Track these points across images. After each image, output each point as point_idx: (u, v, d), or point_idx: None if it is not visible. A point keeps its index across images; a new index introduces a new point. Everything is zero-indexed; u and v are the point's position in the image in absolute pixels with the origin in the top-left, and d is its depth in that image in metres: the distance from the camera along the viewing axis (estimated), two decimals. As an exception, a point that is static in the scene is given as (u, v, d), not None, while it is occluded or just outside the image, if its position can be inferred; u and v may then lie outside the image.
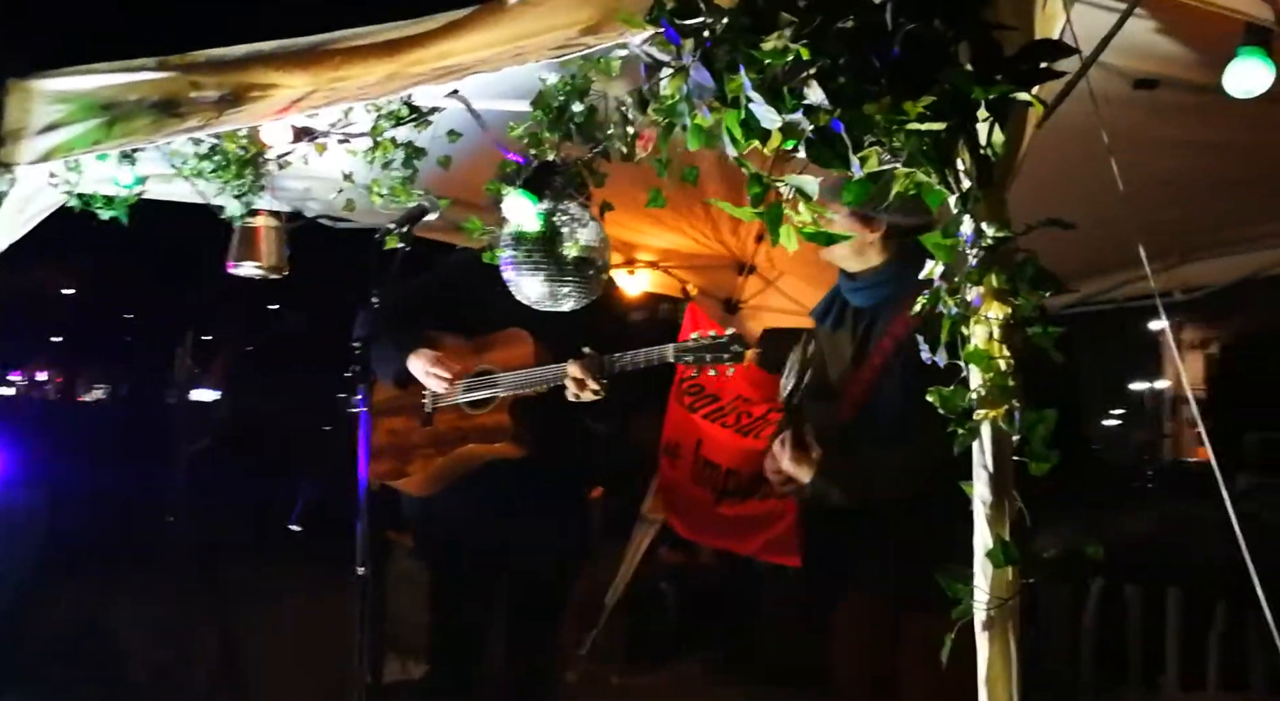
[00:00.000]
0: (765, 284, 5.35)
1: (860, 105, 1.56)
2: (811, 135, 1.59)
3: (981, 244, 1.55)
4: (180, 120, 3.11)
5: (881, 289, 2.93)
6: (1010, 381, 1.55)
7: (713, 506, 5.20)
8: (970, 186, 1.57)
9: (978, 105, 1.53)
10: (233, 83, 3.01)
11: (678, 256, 5.18)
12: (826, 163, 1.60)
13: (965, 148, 1.58)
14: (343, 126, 2.97)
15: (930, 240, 1.63)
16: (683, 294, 5.24)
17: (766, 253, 5.10)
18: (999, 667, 1.58)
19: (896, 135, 1.58)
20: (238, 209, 3.27)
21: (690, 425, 5.17)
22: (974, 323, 1.58)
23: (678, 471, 5.28)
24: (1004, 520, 1.59)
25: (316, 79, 2.88)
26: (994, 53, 1.53)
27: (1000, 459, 1.59)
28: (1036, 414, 1.54)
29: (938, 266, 1.62)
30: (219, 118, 3.04)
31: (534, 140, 2.43)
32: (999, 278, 1.55)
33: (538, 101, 2.42)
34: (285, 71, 2.94)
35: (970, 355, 1.58)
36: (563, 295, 2.54)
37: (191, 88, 3.09)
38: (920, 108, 1.54)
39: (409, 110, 2.84)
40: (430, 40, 2.68)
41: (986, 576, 1.59)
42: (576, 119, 2.37)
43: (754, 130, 1.76)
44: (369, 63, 2.80)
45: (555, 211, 2.49)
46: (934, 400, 1.64)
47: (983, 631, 1.61)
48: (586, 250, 2.52)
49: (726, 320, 5.38)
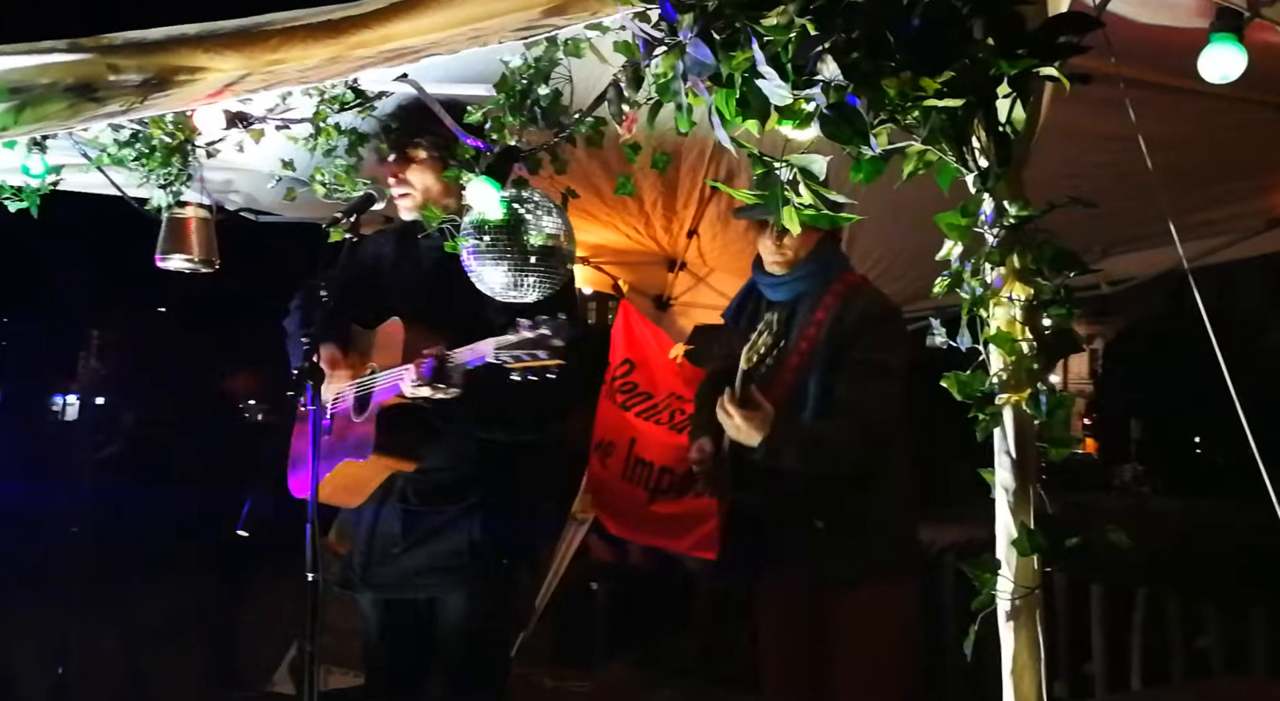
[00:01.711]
0: (696, 280, 5.31)
1: (876, 81, 1.50)
2: (827, 111, 1.52)
3: (1003, 223, 1.51)
4: (98, 104, 2.91)
5: (800, 284, 2.96)
6: (1034, 364, 1.51)
7: (646, 505, 5.12)
8: (990, 165, 1.52)
9: (998, 81, 1.48)
10: (156, 65, 2.83)
11: (609, 252, 5.10)
12: (845, 140, 1.54)
13: (981, 125, 1.54)
14: (281, 112, 2.81)
15: (946, 220, 1.58)
16: (615, 290, 5.16)
17: (698, 249, 5.05)
18: (1025, 658, 1.54)
19: (911, 112, 1.53)
20: (164, 199, 3.08)
21: (623, 423, 5.09)
22: (994, 305, 1.54)
23: (609, 470, 5.20)
24: (1028, 507, 1.54)
25: (250, 61, 2.72)
26: (1017, 26, 1.48)
27: (1023, 444, 1.55)
28: (1058, 397, 1.50)
29: (955, 247, 1.57)
30: (142, 102, 2.85)
31: (496, 125, 2.32)
32: (1022, 258, 1.51)
33: (501, 84, 2.32)
34: (215, 53, 2.77)
35: (994, 337, 1.53)
36: (527, 285, 2.43)
37: (110, 71, 2.89)
38: (938, 84, 1.49)
39: (354, 95, 2.69)
40: (376, 21, 2.55)
41: (1010, 565, 1.55)
42: (542, 102, 2.27)
43: (752, 109, 1.69)
44: (309, 44, 2.65)
45: (518, 199, 2.39)
46: (950, 385, 1.59)
47: (1007, 622, 1.57)
48: (551, 238, 2.43)
49: (658, 317, 5.32)
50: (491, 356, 2.48)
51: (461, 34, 2.41)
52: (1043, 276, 1.51)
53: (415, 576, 2.90)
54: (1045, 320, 1.53)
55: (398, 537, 2.89)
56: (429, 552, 2.88)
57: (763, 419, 2.61)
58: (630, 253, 5.09)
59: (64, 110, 2.92)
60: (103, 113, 2.90)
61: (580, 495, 5.46)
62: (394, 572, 2.91)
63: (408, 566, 2.89)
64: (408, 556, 2.89)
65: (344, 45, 2.59)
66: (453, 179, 2.42)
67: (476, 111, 2.43)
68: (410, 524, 2.88)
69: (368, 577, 2.95)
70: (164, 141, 2.92)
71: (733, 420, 2.64)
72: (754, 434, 2.62)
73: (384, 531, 2.92)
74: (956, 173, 1.57)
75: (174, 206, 3.11)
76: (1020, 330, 1.52)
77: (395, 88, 2.70)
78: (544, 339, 2.41)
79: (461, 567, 2.85)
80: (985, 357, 1.58)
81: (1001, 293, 1.53)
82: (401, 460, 2.79)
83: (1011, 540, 1.55)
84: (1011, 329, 1.53)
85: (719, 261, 5.10)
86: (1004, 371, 1.54)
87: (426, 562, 2.88)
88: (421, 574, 2.89)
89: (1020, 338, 1.52)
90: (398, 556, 2.90)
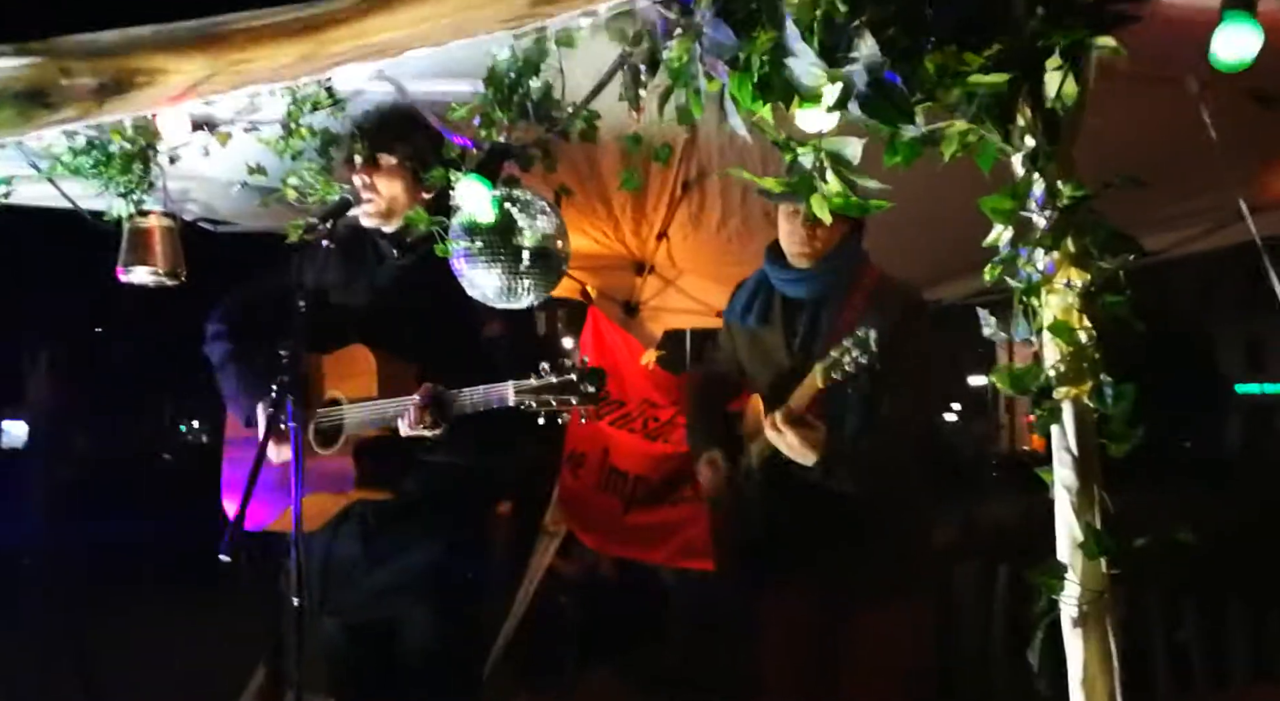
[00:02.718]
0: (665, 284, 5.20)
1: (916, 57, 1.41)
2: (866, 90, 1.43)
3: (1056, 205, 1.42)
4: (51, 111, 2.75)
5: (824, 279, 2.84)
6: (1095, 355, 1.42)
7: (621, 515, 5.03)
8: (1038, 143, 1.43)
9: (1048, 53, 1.40)
10: (112, 69, 2.69)
11: (577, 257, 4.94)
12: (887, 119, 1.45)
13: (1026, 103, 1.45)
14: (249, 114, 2.67)
15: (991, 204, 1.49)
16: (583, 296, 5.04)
17: (667, 252, 4.95)
18: (1096, 667, 1.45)
19: (952, 90, 1.44)
20: (124, 209, 2.91)
21: (596, 433, 4.98)
22: (1046, 292, 1.45)
23: (581, 481, 5.08)
24: (1093, 507, 1.46)
25: (215, 62, 2.59)
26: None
27: (1084, 440, 1.46)
28: (1121, 389, 1.42)
29: (1005, 232, 1.49)
30: (100, 108, 2.70)
31: (486, 121, 2.20)
32: (1077, 241, 1.42)
33: (489, 79, 2.20)
34: (176, 55, 2.63)
35: (1053, 327, 1.44)
36: (522, 289, 2.31)
37: (62, 75, 2.74)
38: (982, 59, 1.41)
39: (328, 94, 2.56)
40: (352, 17, 2.43)
41: (1076, 570, 1.46)
42: (534, 96, 2.15)
43: (774, 91, 1.59)
44: (280, 42, 2.52)
45: (510, 198, 2.27)
46: (1000, 381, 1.50)
47: (1074, 628, 1.48)
48: (545, 239, 2.31)
49: (626, 323, 5.21)
50: (512, 400, 2.37)
51: (446, 27, 2.30)
52: (1098, 261, 1.42)
53: (378, 597, 2.76)
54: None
55: (359, 559, 2.75)
56: (391, 571, 2.75)
57: (818, 438, 2.53)
58: (598, 257, 4.98)
59: (14, 117, 2.75)
60: (56, 119, 2.75)
61: (551, 508, 5.33)
62: (354, 596, 2.77)
63: (369, 588, 2.76)
64: (369, 578, 2.75)
65: (318, 42, 2.47)
66: (438, 180, 2.30)
67: (461, 108, 2.32)
68: (371, 544, 2.74)
69: (327, 603, 2.80)
70: (123, 148, 2.76)
71: (784, 438, 2.55)
72: (808, 453, 2.54)
73: (341, 554, 2.77)
74: (999, 154, 1.48)
75: (135, 216, 2.95)
76: (1078, 319, 1.44)
77: (372, 87, 2.57)
78: (571, 384, 2.33)
79: (426, 585, 2.73)
80: (1039, 349, 1.49)
81: (1055, 279, 1.44)
82: (380, 491, 2.66)
83: (1077, 543, 1.46)
84: (1068, 317, 1.44)
85: (689, 264, 5.01)
86: (1061, 363, 1.45)
87: (389, 582, 2.75)
88: (384, 594, 2.76)
89: (1079, 327, 1.43)
90: (359, 578, 2.76)
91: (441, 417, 2.48)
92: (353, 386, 2.67)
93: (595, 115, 2.23)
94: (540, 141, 2.25)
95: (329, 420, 2.69)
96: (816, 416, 2.60)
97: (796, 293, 2.91)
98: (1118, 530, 1.44)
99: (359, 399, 2.64)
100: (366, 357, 2.66)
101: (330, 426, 2.69)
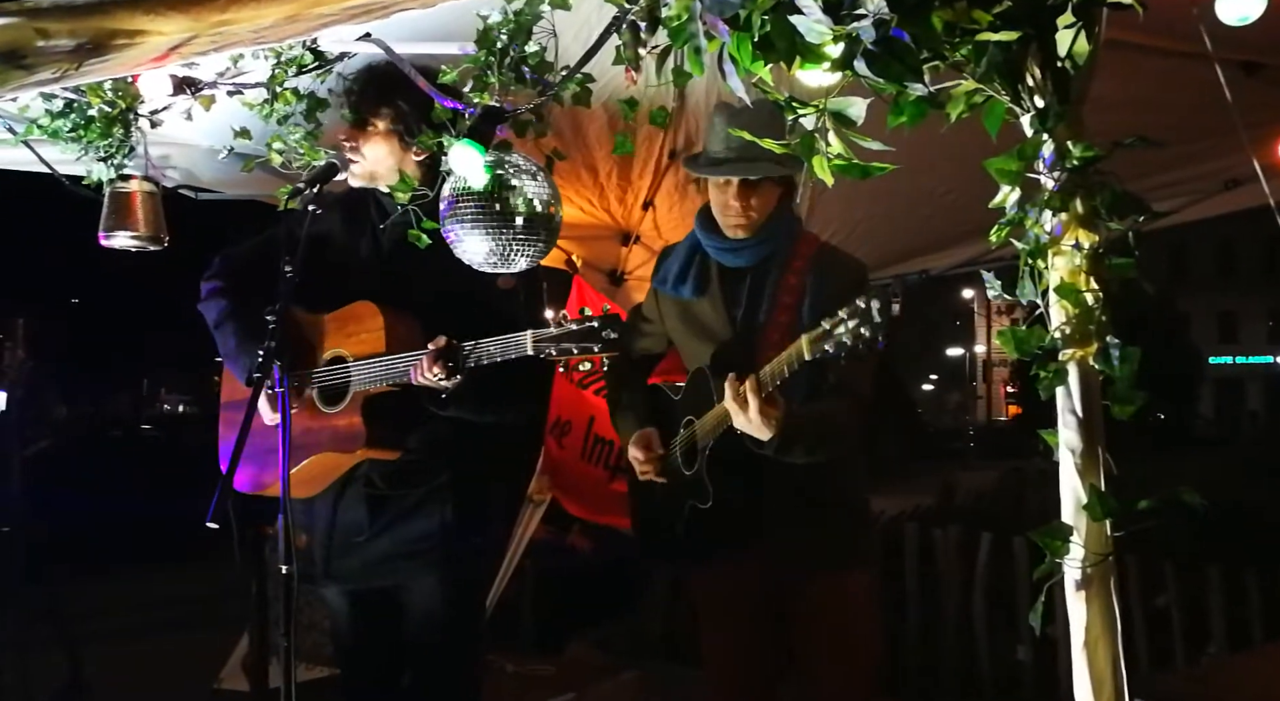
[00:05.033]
0: (650, 254, 5.17)
1: (925, 13, 1.39)
2: (873, 47, 1.41)
3: (1065, 165, 1.41)
4: (27, 72, 2.68)
5: (765, 247, 2.78)
6: (1102, 317, 1.41)
7: (606, 483, 5.03)
8: (1048, 103, 1.42)
9: (1059, 10, 1.38)
10: (90, 29, 2.62)
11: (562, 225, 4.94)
12: (896, 77, 1.42)
13: (1035, 61, 1.43)
14: (232, 77, 2.62)
15: (997, 165, 1.47)
16: (568, 266, 5.01)
17: (653, 221, 4.92)
18: (1099, 629, 1.45)
19: (960, 47, 1.42)
20: (105, 173, 2.85)
21: (581, 402, 4.97)
22: (1053, 254, 1.44)
23: (567, 450, 5.08)
24: (1097, 469, 1.45)
25: (197, 23, 2.53)
26: (1079, -52, 1.38)
27: (1089, 402, 1.45)
28: (1126, 351, 1.41)
29: (1012, 194, 1.47)
30: (78, 69, 2.64)
31: (478, 83, 2.16)
32: (1086, 202, 1.41)
33: (481, 40, 2.16)
34: (156, 16, 2.57)
35: (1059, 289, 1.43)
36: (514, 254, 2.29)
37: (38, 35, 2.67)
38: (991, 16, 1.38)
39: (313, 57, 2.51)
40: (338, -26, 2.38)
41: (1080, 532, 1.46)
42: (530, 60, 2.12)
43: (776, 51, 1.57)
44: (263, 3, 2.47)
45: (501, 163, 2.24)
46: (1004, 343, 1.49)
47: (1078, 591, 1.47)
48: (538, 204, 2.28)
49: (612, 292, 5.18)
50: (531, 350, 2.33)
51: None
52: (1107, 222, 1.41)
53: (382, 563, 2.74)
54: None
55: (363, 525, 2.73)
56: (397, 538, 2.72)
57: (777, 414, 2.42)
58: (583, 226, 4.95)
59: (-11, 78, 2.70)
60: (33, 81, 2.68)
61: (536, 476, 5.32)
62: (359, 562, 2.75)
63: (374, 554, 2.73)
64: (373, 544, 2.73)
65: (302, 3, 2.42)
66: (427, 144, 2.26)
67: (452, 71, 2.28)
68: (377, 509, 2.72)
69: (331, 570, 2.78)
70: (103, 111, 2.70)
71: (747, 410, 2.40)
72: (765, 429, 2.42)
73: (346, 520, 2.75)
74: (1008, 114, 1.46)
75: (116, 180, 2.89)
76: (1085, 281, 1.43)
77: (359, 48, 2.53)
78: (593, 331, 2.27)
79: (432, 551, 2.70)
80: (1044, 311, 1.48)
81: (1063, 241, 1.43)
82: (389, 450, 2.63)
83: (1081, 505, 1.45)
84: (1075, 279, 1.43)
85: (675, 234, 4.97)
86: (1067, 325, 1.44)
87: (394, 548, 2.72)
88: (389, 560, 2.73)
89: (1085, 289, 1.42)
90: (363, 545, 2.74)
91: (456, 367, 2.44)
92: (358, 343, 2.63)
93: (589, 78, 2.19)
94: (534, 106, 2.21)
95: (334, 378, 2.66)
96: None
97: (735, 262, 2.82)
98: (1124, 492, 1.43)
99: (366, 355, 2.60)
100: (374, 313, 2.62)
101: (336, 385, 2.66)
